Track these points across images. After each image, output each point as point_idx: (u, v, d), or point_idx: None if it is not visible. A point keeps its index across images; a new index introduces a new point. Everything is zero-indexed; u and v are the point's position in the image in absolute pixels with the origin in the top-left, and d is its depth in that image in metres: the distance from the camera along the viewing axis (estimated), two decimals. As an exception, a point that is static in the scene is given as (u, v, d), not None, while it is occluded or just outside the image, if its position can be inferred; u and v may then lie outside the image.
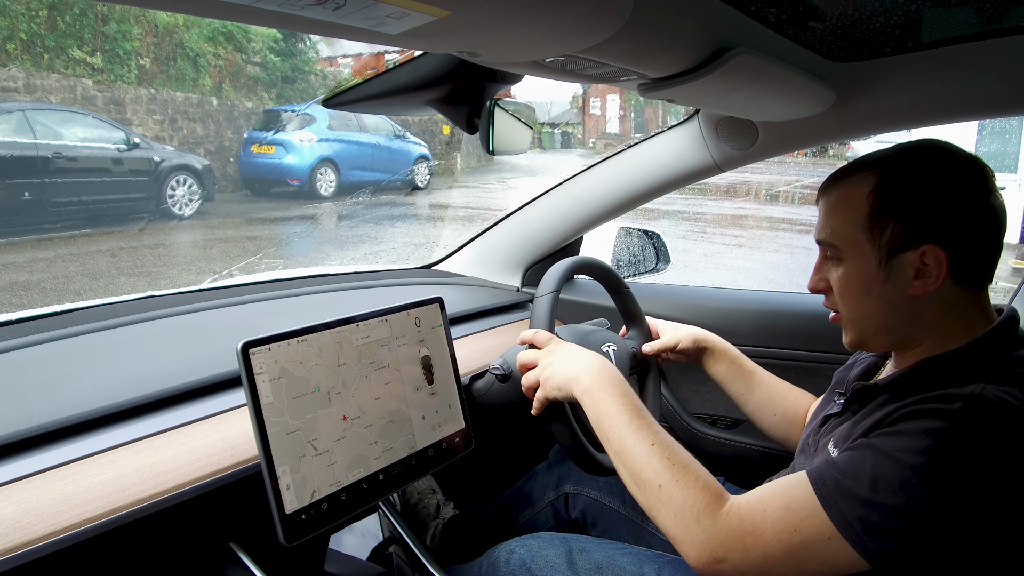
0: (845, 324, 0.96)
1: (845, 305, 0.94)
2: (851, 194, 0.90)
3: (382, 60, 15.61)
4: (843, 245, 0.91)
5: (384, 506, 1.08)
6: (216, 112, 11.15)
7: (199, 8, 0.63)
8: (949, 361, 0.88)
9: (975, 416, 0.77)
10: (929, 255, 0.85)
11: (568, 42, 0.79)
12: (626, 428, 0.95)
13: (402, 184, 11.58)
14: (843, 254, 0.91)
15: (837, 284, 0.93)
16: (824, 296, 0.98)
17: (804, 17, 1.06)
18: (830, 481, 0.80)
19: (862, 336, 0.95)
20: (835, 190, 0.93)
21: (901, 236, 0.86)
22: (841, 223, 0.91)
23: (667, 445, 0.92)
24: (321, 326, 0.98)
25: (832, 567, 0.79)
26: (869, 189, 0.88)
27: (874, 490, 0.77)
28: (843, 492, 0.78)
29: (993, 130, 8.73)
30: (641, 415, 0.97)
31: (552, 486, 1.46)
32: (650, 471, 0.90)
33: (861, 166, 0.91)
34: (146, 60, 10.85)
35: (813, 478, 0.82)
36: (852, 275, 0.91)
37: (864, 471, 0.78)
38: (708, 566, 0.83)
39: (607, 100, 25.60)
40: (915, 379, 0.89)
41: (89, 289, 5.73)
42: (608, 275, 1.41)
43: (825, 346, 1.63)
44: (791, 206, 13.29)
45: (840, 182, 0.93)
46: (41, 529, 0.76)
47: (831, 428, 1.00)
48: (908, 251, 0.86)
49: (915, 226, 0.85)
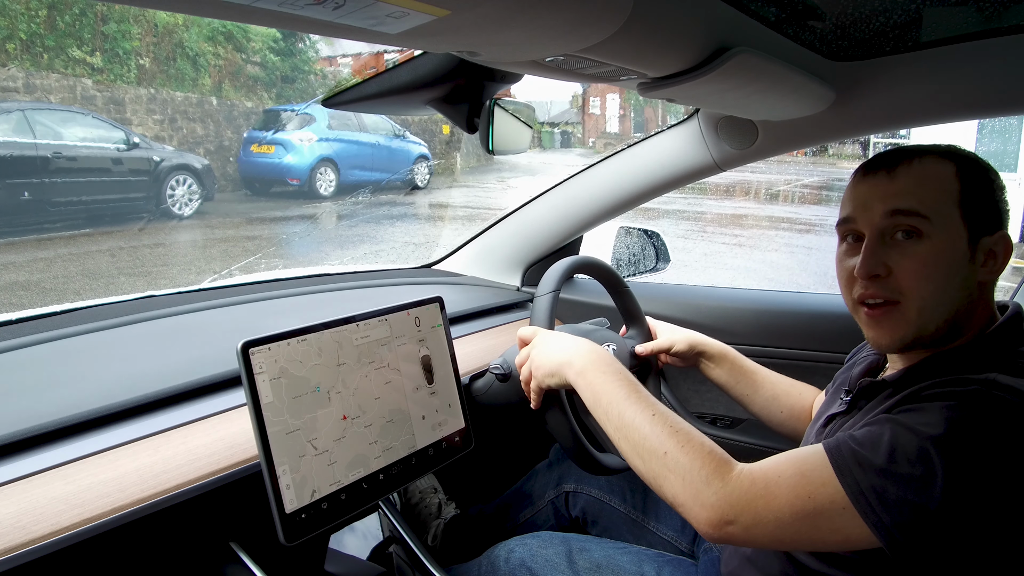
0: (905, 314, 0.86)
1: (921, 288, 0.85)
2: (938, 171, 0.86)
3: (382, 59, 15.60)
4: (936, 217, 0.84)
5: (384, 505, 1.08)
6: (216, 112, 11.15)
7: (198, 8, 0.63)
8: (957, 355, 0.87)
9: (991, 396, 0.76)
10: (1002, 242, 0.87)
11: (568, 41, 0.79)
12: (625, 401, 0.94)
13: (402, 184, 11.58)
14: (931, 228, 0.84)
15: (917, 262, 0.84)
16: (871, 282, 0.87)
17: (804, 16, 1.06)
18: (847, 451, 0.78)
19: (924, 327, 0.86)
20: (916, 164, 0.87)
21: (987, 219, 0.86)
22: (935, 195, 0.85)
23: (668, 415, 0.91)
24: (321, 326, 0.98)
25: (845, 538, 0.77)
26: (954, 171, 0.86)
27: (891, 460, 0.75)
28: (859, 461, 0.76)
29: (993, 129, 8.73)
30: (638, 389, 0.96)
31: (552, 484, 1.46)
32: (654, 440, 0.88)
33: (926, 151, 0.88)
34: (146, 60, 10.85)
35: (829, 448, 0.80)
36: (940, 252, 0.84)
37: (882, 442, 0.76)
38: (718, 528, 0.81)
39: (607, 99, 25.61)
40: (924, 372, 0.87)
41: (89, 289, 5.73)
42: (608, 274, 1.41)
43: (825, 345, 1.63)
44: (791, 205, 13.30)
45: (917, 159, 0.87)
46: (41, 529, 0.76)
47: (836, 428, 0.99)
48: (989, 235, 0.86)
49: (996, 211, 0.87)
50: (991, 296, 0.90)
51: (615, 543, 1.20)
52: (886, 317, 0.87)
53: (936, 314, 0.86)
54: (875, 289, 0.87)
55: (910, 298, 0.85)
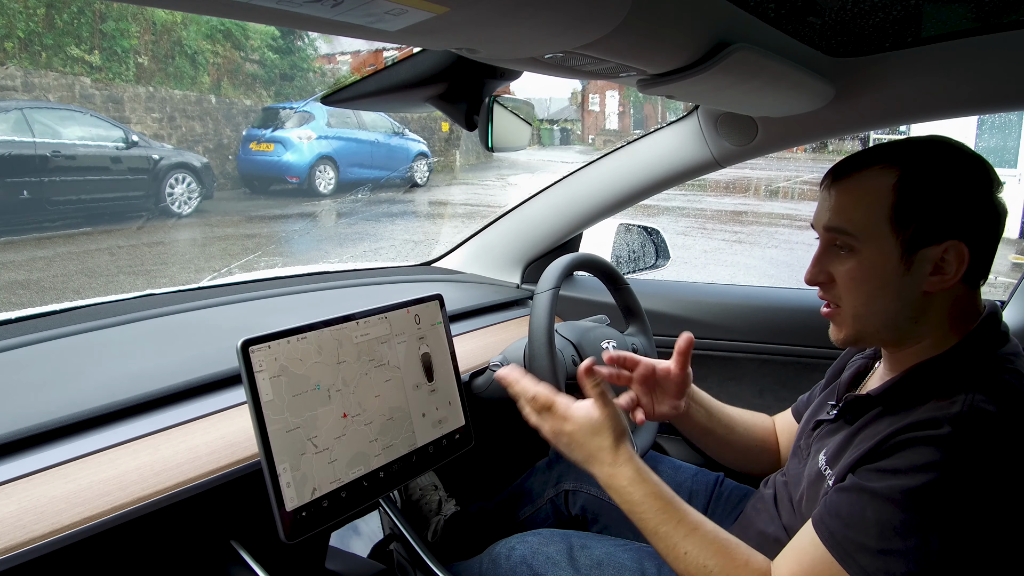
0: (844, 318, 0.93)
1: (853, 298, 0.91)
2: (874, 184, 0.88)
3: (381, 57, 15.60)
4: (863, 235, 0.88)
5: (385, 503, 1.08)
6: (215, 110, 11.14)
7: (197, 6, 0.62)
8: (938, 366, 0.88)
9: (965, 438, 0.78)
10: (951, 251, 0.85)
11: (567, 38, 0.78)
12: (658, 516, 0.94)
13: (401, 181, 11.58)
14: (860, 244, 0.88)
15: (847, 276, 0.90)
16: (819, 288, 0.95)
17: (803, 12, 1.06)
18: (840, 538, 0.82)
19: (862, 332, 0.92)
20: (854, 179, 0.90)
21: (927, 230, 0.85)
22: (864, 213, 0.88)
23: (704, 530, 0.92)
24: (321, 324, 0.98)
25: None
26: (892, 182, 0.86)
27: (883, 538, 0.78)
28: (857, 546, 0.80)
29: (993, 125, 8.73)
30: (671, 504, 0.95)
31: (552, 483, 1.46)
32: (693, 559, 0.91)
33: (876, 159, 0.89)
34: (144, 58, 10.83)
35: (824, 537, 0.83)
36: (868, 267, 0.88)
37: (867, 520, 0.80)
38: None
39: (606, 96, 25.61)
40: (907, 388, 0.89)
41: (88, 287, 5.73)
42: (608, 271, 1.41)
43: (825, 342, 1.61)
44: (791, 202, 13.30)
45: (858, 172, 0.90)
46: (42, 528, 0.76)
47: (823, 435, 1.01)
48: (931, 246, 0.85)
49: (940, 221, 0.85)
50: (962, 297, 0.89)
51: (616, 540, 1.20)
52: (832, 317, 0.96)
53: (871, 322, 0.91)
54: (822, 293, 0.96)
55: (845, 305, 0.93)
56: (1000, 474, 0.77)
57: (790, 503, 1.05)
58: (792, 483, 1.06)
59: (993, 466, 0.77)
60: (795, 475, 1.06)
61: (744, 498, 1.31)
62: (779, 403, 1.36)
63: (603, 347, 1.33)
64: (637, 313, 1.43)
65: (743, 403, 1.33)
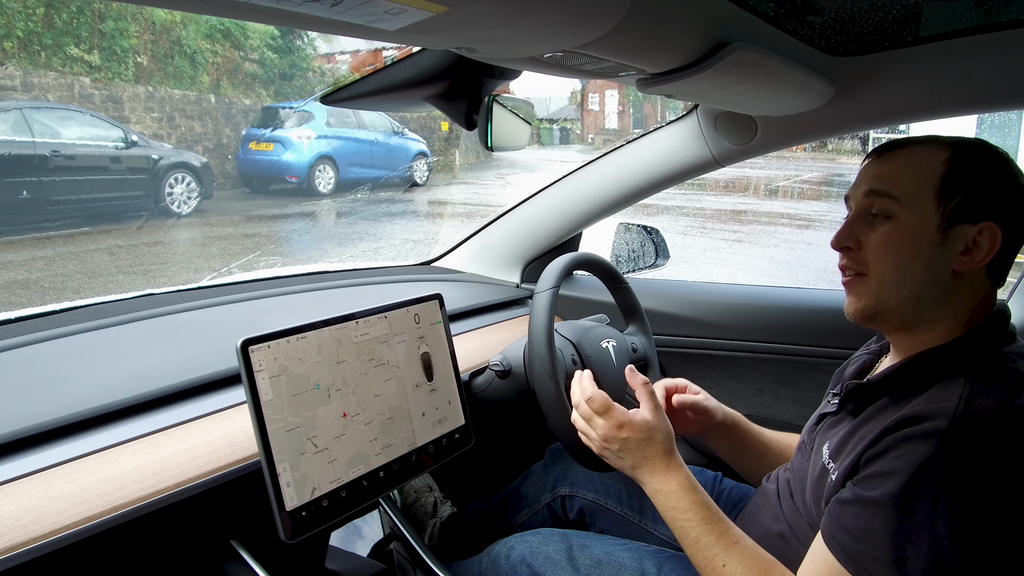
0: (868, 286, 0.92)
1: (883, 263, 0.90)
2: (926, 155, 0.89)
3: (380, 56, 15.59)
4: (906, 199, 0.88)
5: (384, 502, 1.08)
6: (214, 109, 11.13)
7: (197, 6, 0.62)
8: (942, 355, 0.88)
9: (960, 434, 0.78)
10: (986, 232, 0.86)
11: (566, 38, 0.78)
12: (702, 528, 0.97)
13: (401, 181, 11.57)
14: (901, 208, 0.89)
15: (880, 239, 0.90)
16: (844, 254, 0.94)
17: (803, 11, 1.06)
18: (855, 553, 0.82)
19: (883, 303, 0.91)
20: (906, 150, 0.91)
21: (969, 206, 0.86)
22: (912, 179, 0.89)
23: (744, 545, 0.95)
24: (320, 323, 0.98)
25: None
26: (945, 156, 0.88)
27: (895, 547, 0.78)
28: (872, 559, 0.80)
29: (992, 124, 8.73)
30: (716, 516, 0.98)
31: (548, 488, 1.45)
32: (730, 573, 0.92)
33: (928, 140, 0.91)
34: (143, 57, 10.82)
35: (837, 554, 0.83)
36: (904, 232, 0.88)
37: (876, 532, 0.80)
38: None
39: (606, 96, 25.61)
40: (907, 375, 0.89)
41: (88, 287, 5.72)
42: (607, 271, 1.41)
43: (824, 341, 1.63)
44: (790, 201, 13.29)
45: (909, 146, 0.91)
46: (41, 528, 0.76)
47: (826, 427, 1.01)
48: (969, 224, 0.86)
49: (983, 200, 0.87)
50: (982, 290, 0.90)
51: (616, 540, 1.20)
52: (852, 286, 0.94)
53: (897, 290, 0.90)
54: (847, 261, 0.94)
55: (873, 271, 0.91)
56: (996, 471, 0.77)
57: (792, 498, 1.05)
58: (796, 478, 1.06)
59: (988, 462, 0.77)
60: (799, 470, 1.06)
61: (743, 497, 1.31)
62: (779, 402, 1.36)
63: (603, 347, 1.33)
64: (637, 312, 1.43)
65: (743, 402, 1.33)
